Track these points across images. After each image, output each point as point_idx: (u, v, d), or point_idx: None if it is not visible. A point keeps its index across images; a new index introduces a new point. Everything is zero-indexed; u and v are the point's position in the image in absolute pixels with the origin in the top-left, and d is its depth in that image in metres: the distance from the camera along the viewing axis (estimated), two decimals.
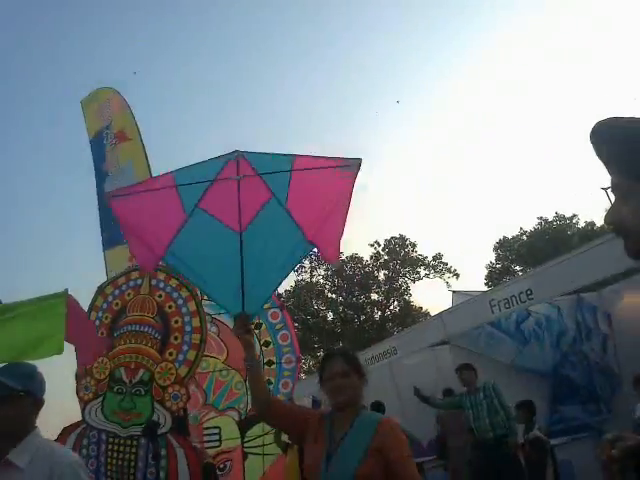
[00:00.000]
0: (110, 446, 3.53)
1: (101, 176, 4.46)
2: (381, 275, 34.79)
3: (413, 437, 10.36)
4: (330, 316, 34.60)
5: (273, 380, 5.46)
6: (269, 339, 5.41)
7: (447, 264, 33.74)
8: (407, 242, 34.21)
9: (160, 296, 3.72)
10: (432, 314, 29.73)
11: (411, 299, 34.77)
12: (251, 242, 2.68)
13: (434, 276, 33.83)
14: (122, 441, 3.52)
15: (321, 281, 34.75)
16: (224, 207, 2.72)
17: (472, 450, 6.85)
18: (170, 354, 3.62)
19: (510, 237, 34.73)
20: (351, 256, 34.83)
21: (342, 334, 33.75)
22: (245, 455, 5.23)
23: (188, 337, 3.65)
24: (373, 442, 2.29)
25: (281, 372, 5.41)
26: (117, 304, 3.75)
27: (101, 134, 4.50)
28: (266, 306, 5.43)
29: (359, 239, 69.28)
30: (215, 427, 4.81)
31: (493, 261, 35.26)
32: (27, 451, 2.10)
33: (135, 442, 3.53)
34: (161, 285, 3.73)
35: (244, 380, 5.17)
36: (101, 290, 3.86)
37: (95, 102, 4.77)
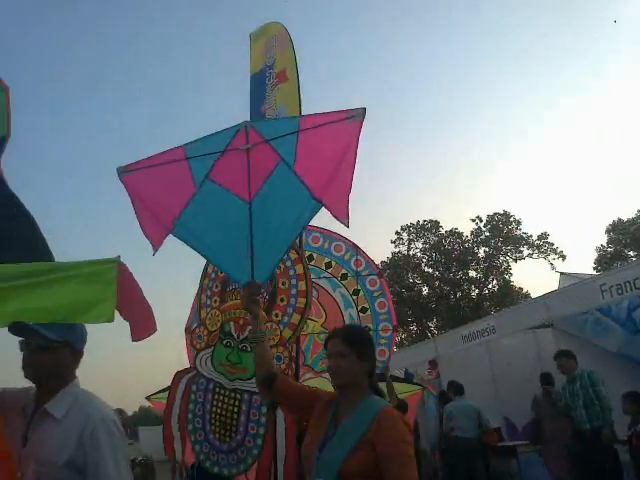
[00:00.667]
0: (216, 396, 3.66)
1: (256, 115, 4.25)
2: (481, 252, 33.77)
3: (507, 420, 10.14)
4: (425, 290, 34.22)
5: None
6: (366, 305, 5.43)
7: (553, 244, 32.12)
8: (511, 219, 32.84)
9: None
10: (533, 296, 28.60)
11: (511, 279, 33.57)
12: (260, 210, 2.68)
13: (538, 256, 32.36)
14: (227, 392, 3.64)
15: (418, 254, 34.35)
16: (233, 177, 2.73)
17: (573, 438, 6.63)
18: (276, 315, 3.65)
19: (625, 219, 32.31)
20: (450, 230, 34.07)
21: (436, 309, 33.33)
22: None
23: (294, 300, 3.64)
24: (367, 433, 2.09)
25: (377, 340, 5.43)
26: None
27: (263, 72, 4.35)
28: (364, 272, 5.45)
29: (460, 213, 67.62)
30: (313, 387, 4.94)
31: (604, 244, 33.08)
32: (64, 402, 2.11)
33: (239, 396, 3.64)
34: None
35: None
36: None
37: (263, 37, 4.59)
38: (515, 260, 33.15)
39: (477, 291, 33.94)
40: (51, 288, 2.22)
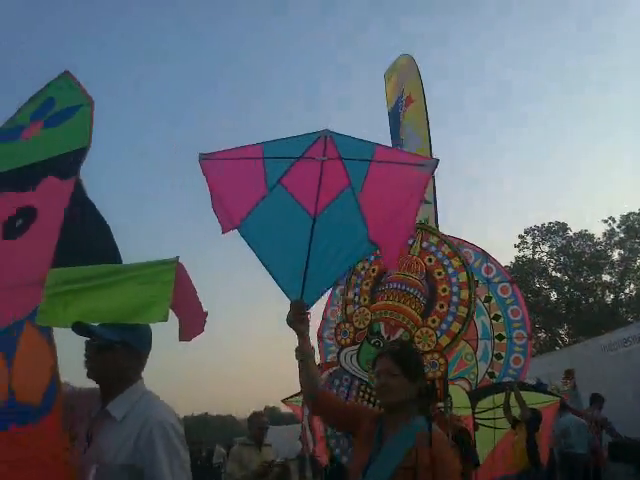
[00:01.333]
0: (361, 393, 3.77)
1: (397, 145, 4.35)
2: (615, 254, 31.39)
3: None
4: (553, 296, 32.40)
5: (503, 354, 5.47)
6: (499, 313, 5.40)
7: None
8: None
9: (430, 260, 3.71)
10: None
11: None
12: (321, 229, 2.61)
13: None
14: (372, 391, 3.75)
15: (545, 258, 32.65)
16: (304, 187, 2.67)
17: None
18: (433, 321, 3.63)
19: None
20: (580, 232, 32.02)
21: (566, 316, 31.43)
22: (476, 426, 5.34)
23: (454, 308, 3.59)
24: (406, 458, 2.07)
25: (512, 347, 5.38)
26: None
27: (397, 105, 4.40)
28: (496, 279, 5.43)
29: (589, 214, 63.27)
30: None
31: None
32: (125, 403, 2.10)
33: None
34: (432, 249, 3.70)
35: (474, 351, 5.26)
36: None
37: (394, 72, 4.67)
38: None
39: (612, 296, 31.57)
40: (112, 289, 2.25)
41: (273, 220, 2.75)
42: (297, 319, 2.53)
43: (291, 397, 6.84)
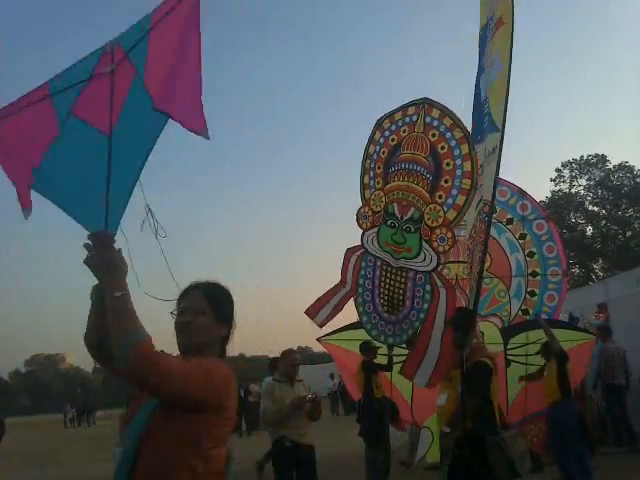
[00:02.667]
0: (384, 272, 3.92)
1: (480, 71, 4.12)
2: None
3: None
4: (590, 230, 31.80)
5: (537, 291, 5.43)
6: (534, 250, 5.33)
7: None
8: None
9: (434, 135, 3.65)
10: None
11: None
12: (118, 143, 2.18)
13: None
14: (394, 270, 3.88)
15: (582, 192, 31.84)
16: (96, 108, 2.24)
17: None
18: (439, 197, 3.64)
19: None
20: (619, 164, 30.98)
21: (602, 251, 30.92)
22: (508, 362, 5.38)
23: (458, 181, 3.56)
24: None
25: (546, 284, 5.33)
26: (393, 139, 3.78)
27: (487, 26, 4.09)
28: (531, 217, 5.34)
29: (629, 144, 60.84)
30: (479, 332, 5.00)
31: None
32: None
33: (405, 273, 3.86)
34: (435, 123, 3.63)
35: (507, 289, 5.25)
36: (379, 124, 3.92)
37: None
38: None
39: None
40: None
41: (69, 157, 2.33)
42: (103, 251, 1.90)
43: (325, 336, 6.99)
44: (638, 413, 8.87)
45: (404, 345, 4.11)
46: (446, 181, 3.62)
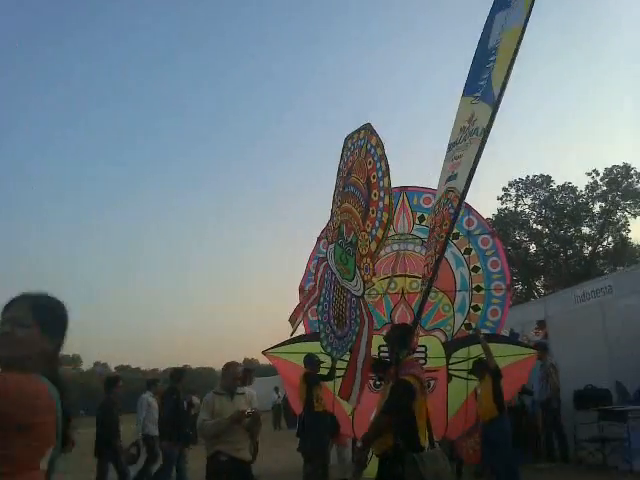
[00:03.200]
0: (336, 287, 4.03)
1: (500, 5, 3.79)
2: (596, 207, 31.71)
3: (619, 384, 9.71)
4: (533, 248, 32.83)
5: (481, 306, 5.49)
6: (478, 264, 5.39)
7: None
8: (632, 172, 30.38)
9: (370, 163, 3.70)
10: None
11: (629, 235, 31.35)
12: None
13: None
14: (340, 287, 3.99)
15: (527, 211, 32.87)
16: None
17: None
18: (368, 226, 3.73)
19: None
20: (563, 185, 32.17)
21: (544, 268, 31.96)
22: (449, 377, 5.41)
23: (380, 214, 3.62)
24: None
25: (490, 299, 5.40)
26: (351, 160, 3.86)
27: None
28: (476, 232, 5.40)
29: (574, 167, 63.43)
30: (421, 345, 5.02)
31: None
32: None
33: (345, 294, 3.96)
34: (372, 151, 3.66)
35: (451, 303, 5.29)
36: (345, 142, 3.99)
37: None
38: (634, 216, 30.88)
39: (590, 249, 32.08)
40: None
41: None
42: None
43: (270, 349, 6.91)
44: (569, 429, 9.17)
45: (346, 359, 4.12)
46: (372, 212, 3.69)
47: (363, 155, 3.77)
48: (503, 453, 6.81)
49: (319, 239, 5.94)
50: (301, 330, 6.61)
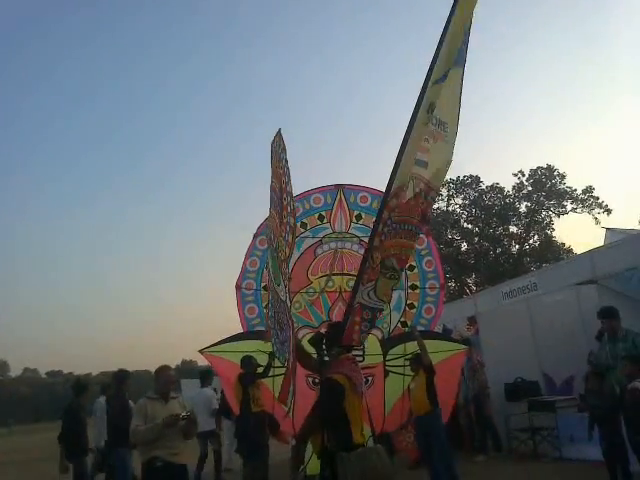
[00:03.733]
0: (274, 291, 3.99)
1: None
2: (523, 207, 33.08)
3: (546, 376, 10.19)
4: (464, 247, 33.89)
5: (416, 304, 5.61)
6: (414, 263, 5.49)
7: (598, 199, 31.18)
8: (555, 173, 31.92)
9: (281, 168, 3.85)
10: (575, 251, 28.04)
11: (553, 234, 32.92)
12: None
13: (582, 211, 31.52)
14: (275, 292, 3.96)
15: (457, 210, 33.90)
16: None
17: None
18: (282, 231, 3.84)
19: None
20: (491, 186, 33.39)
21: (475, 266, 33.06)
22: (386, 373, 5.50)
23: (289, 219, 3.80)
24: None
25: (424, 297, 5.51)
26: (273, 165, 3.92)
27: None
28: None
29: (501, 168, 66.01)
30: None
31: None
32: None
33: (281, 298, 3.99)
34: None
35: (388, 302, 5.38)
36: (271, 147, 4.01)
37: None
38: (558, 215, 32.46)
39: (518, 247, 33.46)
40: None
41: None
42: None
43: (208, 347, 6.77)
44: (501, 420, 9.54)
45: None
46: (284, 216, 3.79)
47: (276, 160, 3.87)
48: (438, 447, 6.99)
49: (255, 236, 5.87)
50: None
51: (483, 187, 33.50)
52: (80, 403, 7.39)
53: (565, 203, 31.95)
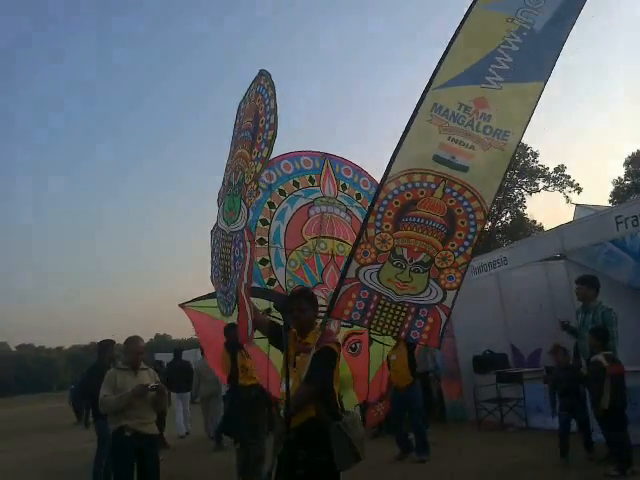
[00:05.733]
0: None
1: None
2: None
3: (514, 348, 10.44)
4: None
5: None
6: None
7: (569, 177, 31.70)
8: (528, 151, 32.27)
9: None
10: (546, 228, 28.54)
11: (525, 211, 33.44)
12: None
13: (553, 189, 32.07)
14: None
15: None
16: None
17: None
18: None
19: None
20: None
21: None
22: (370, 341, 5.48)
23: (266, 135, 3.77)
24: None
25: None
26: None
27: None
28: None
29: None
30: None
31: (622, 177, 32.59)
32: None
33: (231, 237, 3.97)
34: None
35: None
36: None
37: None
38: (530, 193, 32.95)
39: (490, 223, 33.88)
40: None
41: None
42: None
43: (189, 302, 6.43)
44: (469, 391, 9.80)
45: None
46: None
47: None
48: (415, 418, 7.08)
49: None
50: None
51: None
52: (105, 361, 7.04)
53: (537, 181, 32.43)
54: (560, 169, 31.80)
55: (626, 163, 32.37)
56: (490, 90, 3.91)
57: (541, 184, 32.40)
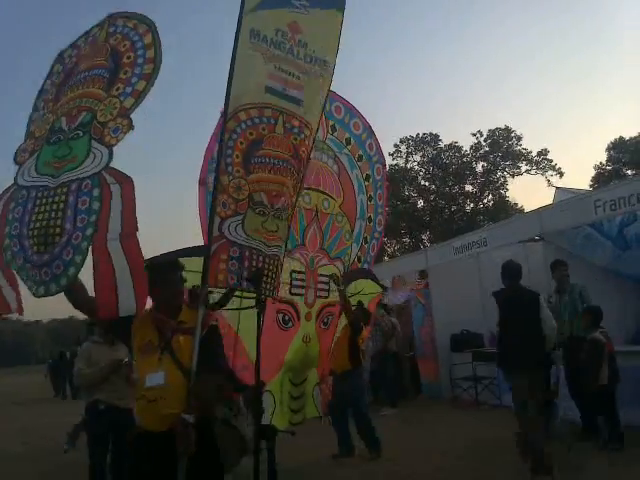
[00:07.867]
0: (38, 202, 3.13)
1: None
2: (479, 167, 33.57)
3: (492, 330, 10.54)
4: (420, 204, 34.30)
5: (369, 238, 5.20)
6: (372, 194, 5.13)
7: (552, 161, 31.89)
8: (512, 134, 32.36)
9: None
10: (527, 211, 28.73)
11: (507, 194, 33.64)
12: None
13: (536, 172, 32.26)
14: (51, 192, 3.06)
15: (416, 167, 34.14)
16: None
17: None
18: (117, 89, 3.32)
19: (627, 138, 31.87)
20: (450, 144, 33.65)
21: (430, 223, 33.58)
22: (340, 313, 5.14)
23: (139, 69, 3.35)
24: None
25: (374, 232, 5.10)
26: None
27: None
28: (374, 158, 5.17)
29: (461, 127, 66.48)
30: (325, 275, 4.74)
31: (603, 162, 32.88)
32: None
33: (65, 189, 3.04)
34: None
35: (351, 231, 5.05)
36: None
37: None
38: (512, 176, 33.12)
39: (472, 205, 34.07)
40: None
41: None
42: None
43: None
44: (445, 369, 9.89)
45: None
46: (125, 72, 3.33)
47: (103, 39, 3.46)
48: (356, 408, 6.44)
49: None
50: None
51: (442, 145, 33.74)
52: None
53: (520, 164, 32.59)
54: (543, 153, 31.96)
55: (608, 149, 32.62)
56: (301, 15, 3.61)
57: (524, 167, 32.58)
